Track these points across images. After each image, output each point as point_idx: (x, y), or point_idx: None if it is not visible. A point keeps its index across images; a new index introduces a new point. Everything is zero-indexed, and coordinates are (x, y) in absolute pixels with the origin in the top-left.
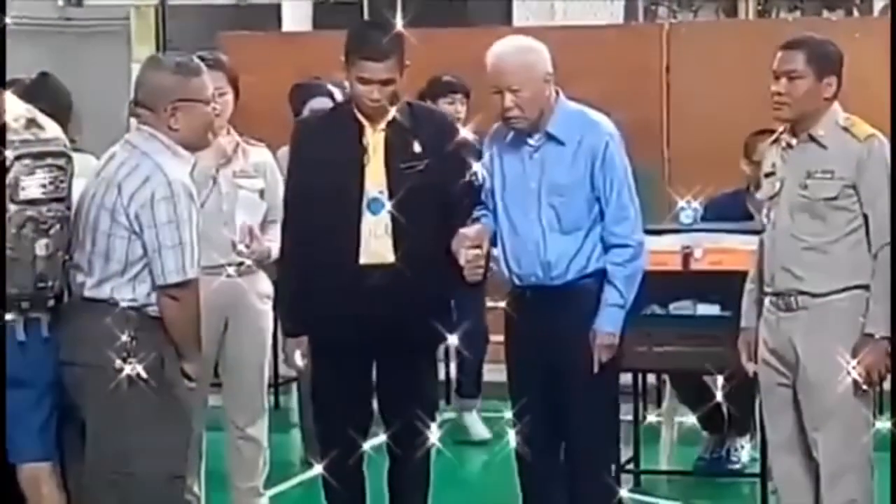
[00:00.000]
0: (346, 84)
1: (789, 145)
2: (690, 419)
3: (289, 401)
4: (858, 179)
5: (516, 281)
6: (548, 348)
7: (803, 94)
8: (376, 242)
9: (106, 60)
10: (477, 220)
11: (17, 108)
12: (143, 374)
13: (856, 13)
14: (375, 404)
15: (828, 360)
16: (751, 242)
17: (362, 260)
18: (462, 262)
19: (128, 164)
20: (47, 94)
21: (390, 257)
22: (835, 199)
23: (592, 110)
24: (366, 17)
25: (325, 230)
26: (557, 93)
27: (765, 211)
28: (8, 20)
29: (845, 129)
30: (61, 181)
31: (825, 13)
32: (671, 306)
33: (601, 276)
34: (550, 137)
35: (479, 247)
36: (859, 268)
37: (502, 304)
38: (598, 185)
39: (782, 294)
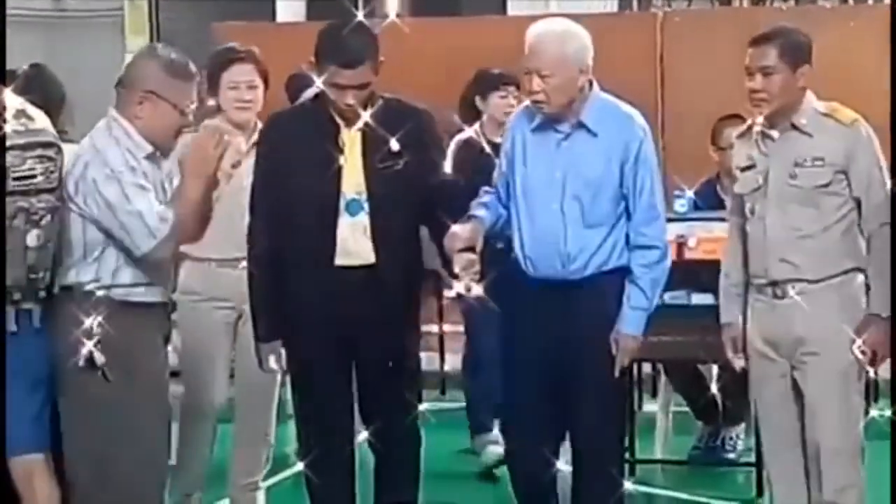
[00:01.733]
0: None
1: (767, 136)
2: (685, 408)
3: (284, 392)
4: (848, 164)
5: (530, 272)
6: (558, 345)
7: (780, 89)
8: (355, 244)
9: (99, 51)
10: (482, 205)
11: (6, 100)
12: (104, 360)
13: (850, 1)
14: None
15: (830, 338)
16: None
17: (338, 261)
18: (457, 269)
19: (79, 152)
20: (39, 86)
21: (370, 258)
22: (827, 185)
23: (625, 104)
24: (360, 8)
25: (300, 232)
26: (591, 83)
27: (748, 205)
28: None
29: (827, 115)
30: (51, 171)
31: (820, 1)
32: (666, 296)
33: (619, 273)
34: (582, 127)
35: (472, 248)
36: (851, 251)
37: None
38: (627, 182)
39: (777, 283)
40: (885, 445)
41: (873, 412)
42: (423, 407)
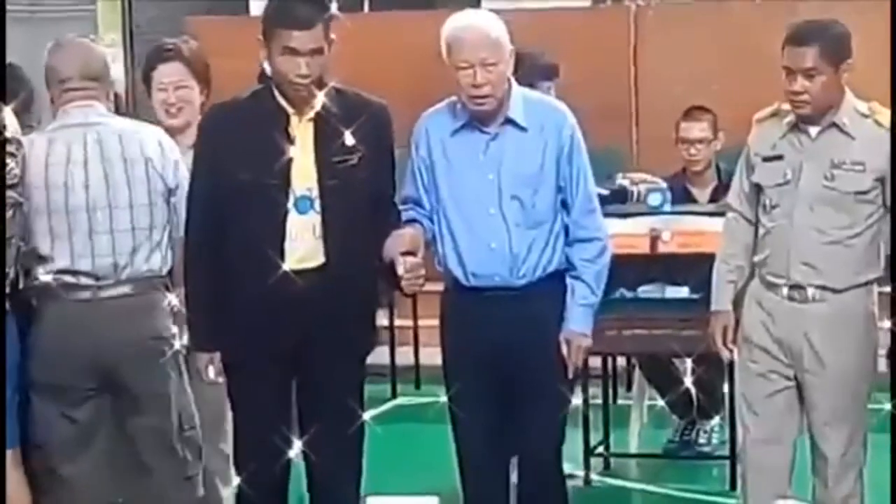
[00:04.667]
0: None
1: (802, 131)
2: (660, 402)
3: None
4: (888, 170)
5: (470, 282)
6: (505, 355)
7: (823, 90)
8: (304, 245)
9: None
10: (410, 221)
11: None
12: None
13: None
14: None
15: (849, 350)
16: (719, 224)
17: (288, 265)
18: (400, 271)
19: (142, 137)
20: (9, 84)
21: (320, 259)
22: (867, 192)
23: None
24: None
25: (246, 232)
26: (508, 78)
27: (769, 198)
28: None
29: (868, 116)
30: (12, 168)
31: None
32: (640, 290)
33: (563, 274)
34: (509, 123)
35: (413, 253)
36: (873, 261)
37: None
38: (564, 174)
39: (799, 286)
40: (886, 439)
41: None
42: (398, 402)
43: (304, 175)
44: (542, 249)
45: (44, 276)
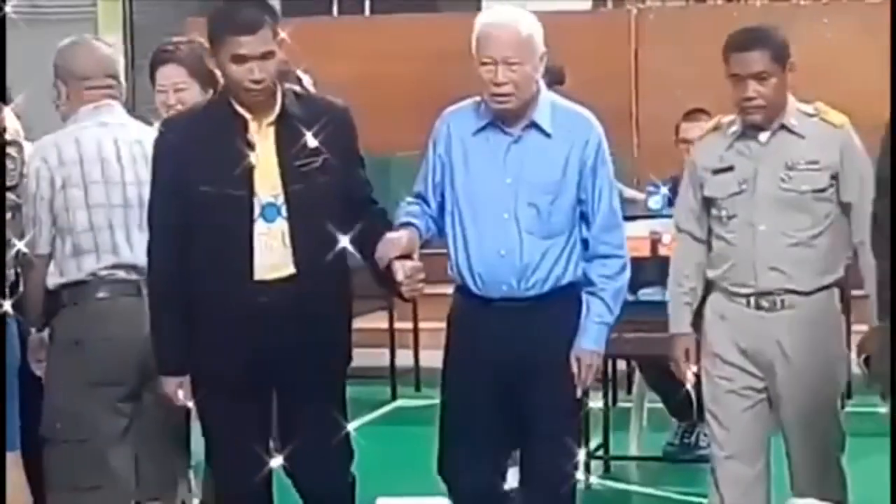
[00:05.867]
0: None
1: (750, 138)
2: (660, 405)
3: None
4: (841, 168)
5: (477, 290)
6: (510, 368)
7: (775, 92)
8: (272, 255)
9: None
10: (405, 224)
11: None
12: None
13: None
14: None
15: (821, 359)
16: None
17: (257, 276)
18: (399, 277)
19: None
20: None
21: (290, 269)
22: (824, 190)
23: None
24: (335, 4)
25: (210, 246)
26: (536, 81)
27: (724, 210)
28: None
29: (816, 116)
30: (12, 169)
31: None
32: (640, 292)
33: (576, 288)
34: (533, 127)
35: (409, 256)
36: (835, 262)
37: None
38: (586, 186)
39: (767, 293)
40: (885, 443)
41: (849, 407)
42: (398, 404)
43: (268, 182)
44: (555, 262)
45: (90, 270)
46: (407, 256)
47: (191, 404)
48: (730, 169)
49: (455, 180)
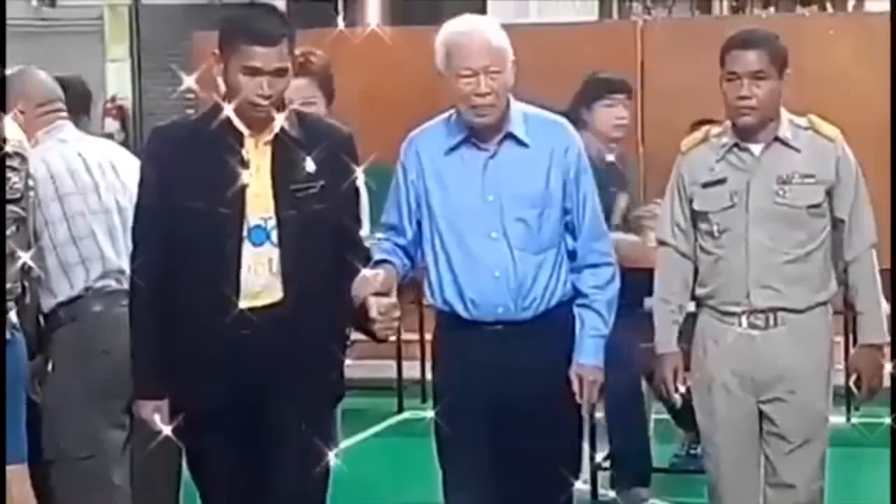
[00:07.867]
0: (222, 85)
1: (743, 149)
2: (667, 416)
3: None
4: (836, 182)
5: (471, 315)
6: (506, 394)
7: (770, 96)
8: (259, 280)
9: (80, 60)
10: (381, 261)
11: None
12: None
13: (829, 9)
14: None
15: (816, 377)
16: None
17: (242, 303)
18: (373, 314)
19: None
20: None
21: (277, 296)
22: (818, 206)
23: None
24: (340, 15)
25: (197, 267)
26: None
27: (715, 224)
28: None
29: (810, 129)
30: (15, 182)
31: (798, 9)
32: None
33: (569, 304)
34: (509, 139)
35: (386, 294)
36: (827, 280)
37: None
38: (571, 194)
39: (760, 311)
40: (886, 453)
41: (854, 419)
42: (404, 415)
43: (259, 203)
44: (549, 277)
45: (83, 285)
46: (384, 294)
47: (167, 430)
48: (722, 181)
49: (432, 205)
